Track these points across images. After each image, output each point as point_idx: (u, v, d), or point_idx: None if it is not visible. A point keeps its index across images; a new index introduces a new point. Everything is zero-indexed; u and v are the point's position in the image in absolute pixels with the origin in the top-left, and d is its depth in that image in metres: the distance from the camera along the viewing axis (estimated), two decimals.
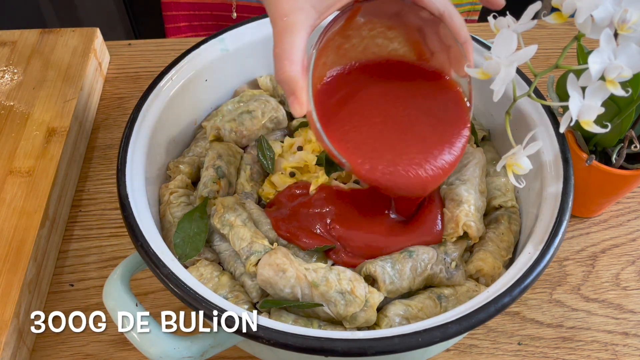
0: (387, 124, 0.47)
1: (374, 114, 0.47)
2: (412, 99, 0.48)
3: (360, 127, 0.46)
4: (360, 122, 0.46)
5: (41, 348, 0.56)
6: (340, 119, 0.46)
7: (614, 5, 0.43)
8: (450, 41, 0.47)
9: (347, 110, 0.47)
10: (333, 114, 0.46)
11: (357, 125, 0.46)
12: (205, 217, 0.54)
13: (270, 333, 0.40)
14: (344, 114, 0.47)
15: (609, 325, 0.58)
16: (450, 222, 0.53)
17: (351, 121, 0.46)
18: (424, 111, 0.47)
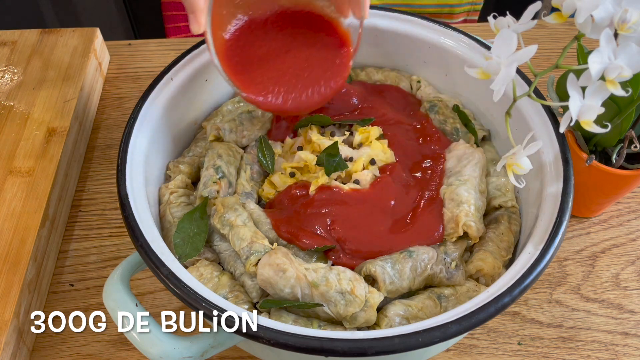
0: (284, 63, 0.52)
1: (274, 56, 0.52)
2: (307, 46, 0.53)
3: (264, 66, 0.52)
4: (263, 61, 0.52)
5: (41, 348, 0.56)
6: (248, 60, 0.52)
7: (614, 5, 0.43)
8: None
9: (253, 53, 0.52)
10: (242, 54, 0.52)
11: (262, 66, 0.52)
12: (205, 217, 0.54)
13: (270, 333, 0.40)
14: (250, 56, 0.52)
15: (609, 325, 0.58)
16: (450, 222, 0.53)
17: (257, 62, 0.52)
18: (315, 56, 0.53)
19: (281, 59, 0.52)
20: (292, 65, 0.52)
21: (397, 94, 0.67)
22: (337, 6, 0.53)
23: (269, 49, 0.52)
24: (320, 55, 0.53)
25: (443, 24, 0.63)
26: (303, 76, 0.52)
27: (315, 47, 0.53)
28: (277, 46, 0.52)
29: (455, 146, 0.59)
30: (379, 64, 0.70)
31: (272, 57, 0.52)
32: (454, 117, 0.63)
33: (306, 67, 0.52)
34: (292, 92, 0.51)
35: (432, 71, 0.67)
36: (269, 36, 0.52)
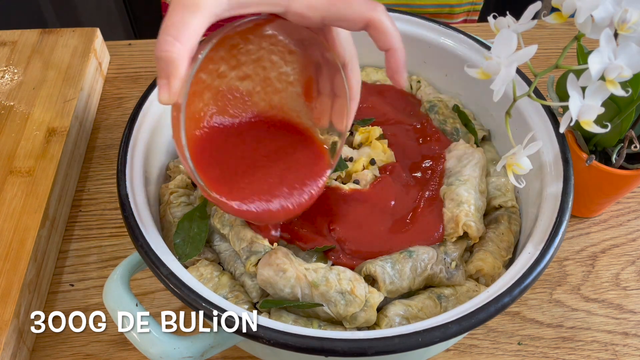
0: (257, 170, 0.47)
1: (247, 160, 0.47)
2: (283, 154, 0.48)
3: (235, 169, 0.46)
4: (233, 164, 0.47)
5: (41, 348, 0.56)
6: (217, 160, 0.46)
7: (614, 5, 0.43)
8: (341, 93, 0.46)
9: (224, 153, 0.46)
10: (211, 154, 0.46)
11: (231, 167, 0.46)
12: (205, 217, 0.54)
13: (270, 333, 0.40)
14: (221, 157, 0.46)
15: (609, 325, 0.58)
16: (450, 222, 0.53)
17: (226, 163, 0.46)
18: (290, 164, 0.48)
19: (255, 167, 0.47)
20: (267, 176, 0.47)
21: (397, 94, 0.67)
22: (316, 115, 0.49)
23: (242, 155, 0.47)
24: (296, 169, 0.48)
25: (443, 24, 0.63)
26: (279, 189, 0.47)
27: (291, 159, 0.48)
28: (251, 153, 0.47)
29: (455, 146, 0.59)
30: (378, 64, 0.70)
31: (246, 164, 0.47)
32: (454, 117, 0.63)
33: (282, 179, 0.47)
34: (267, 203, 0.46)
35: (432, 71, 0.67)
36: (242, 141, 0.47)
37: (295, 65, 0.47)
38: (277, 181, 0.47)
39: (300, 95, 0.48)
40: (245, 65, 0.45)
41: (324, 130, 0.49)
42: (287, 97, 0.48)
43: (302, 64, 0.47)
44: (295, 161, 0.48)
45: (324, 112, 0.48)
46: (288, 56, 0.46)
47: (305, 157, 0.48)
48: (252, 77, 0.46)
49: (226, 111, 0.46)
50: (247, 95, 0.47)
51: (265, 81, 0.47)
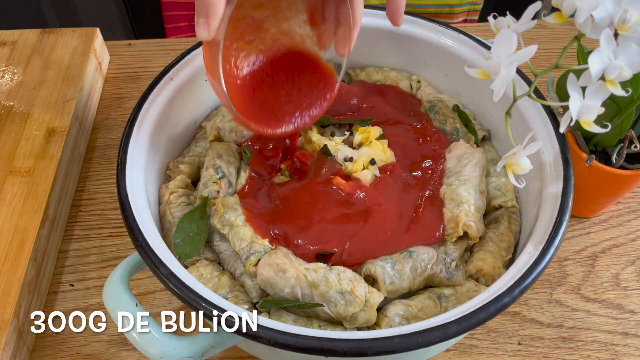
0: (279, 95, 0.55)
1: (270, 87, 0.54)
2: (299, 78, 0.56)
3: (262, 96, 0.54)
4: (263, 95, 0.54)
5: (41, 348, 0.56)
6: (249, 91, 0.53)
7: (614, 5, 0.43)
8: (344, 21, 0.51)
9: (250, 83, 0.53)
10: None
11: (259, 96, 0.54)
12: (205, 217, 0.54)
13: (270, 333, 0.40)
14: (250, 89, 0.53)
15: (609, 325, 0.58)
16: (450, 222, 0.53)
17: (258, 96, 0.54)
18: (306, 85, 0.56)
19: (277, 92, 0.54)
20: (289, 97, 0.54)
21: (397, 94, 0.67)
22: (321, 41, 0.55)
23: (266, 83, 0.54)
24: (310, 85, 0.55)
25: (443, 24, 0.63)
26: (300, 105, 0.54)
27: (305, 79, 0.55)
28: (271, 81, 0.54)
29: (455, 146, 0.59)
30: (378, 64, 0.70)
31: (269, 90, 0.54)
32: (454, 117, 0.63)
33: (301, 97, 0.55)
34: (291, 121, 0.54)
35: (432, 71, 0.67)
36: (262, 69, 0.54)
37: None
38: (297, 101, 0.54)
39: (306, 22, 0.54)
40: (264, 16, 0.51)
41: (329, 54, 0.55)
42: (295, 24, 0.54)
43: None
44: (309, 82, 0.55)
45: (328, 38, 0.54)
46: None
47: (316, 78, 0.55)
48: (265, 6, 0.51)
49: (243, 39, 0.52)
50: (261, 23, 0.52)
51: (276, 8, 0.52)
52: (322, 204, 0.53)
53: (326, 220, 0.53)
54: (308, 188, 0.54)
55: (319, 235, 0.52)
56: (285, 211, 0.54)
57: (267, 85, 0.54)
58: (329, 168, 0.56)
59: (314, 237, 0.52)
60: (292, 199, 0.54)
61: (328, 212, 0.53)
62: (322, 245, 0.51)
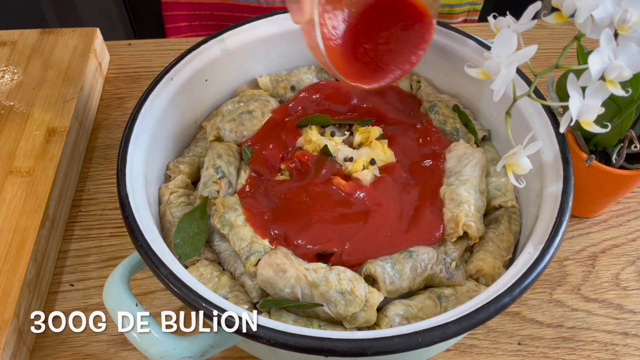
0: (377, 45, 0.54)
1: (368, 40, 0.53)
2: (394, 23, 0.55)
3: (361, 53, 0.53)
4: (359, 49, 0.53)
5: (41, 348, 0.56)
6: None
7: (614, 5, 0.43)
8: None
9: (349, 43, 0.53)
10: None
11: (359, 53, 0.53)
12: (205, 217, 0.54)
13: (270, 333, 0.40)
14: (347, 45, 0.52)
15: (609, 325, 0.58)
16: (450, 222, 0.53)
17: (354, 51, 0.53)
18: (402, 30, 0.54)
19: (375, 43, 0.54)
20: (388, 45, 0.54)
21: (397, 94, 0.67)
22: None
23: (363, 36, 0.53)
24: (407, 28, 0.54)
25: (443, 24, 0.63)
26: (394, 55, 0.54)
27: (401, 23, 0.54)
28: (367, 33, 0.53)
29: (455, 146, 0.59)
30: None
31: (368, 43, 0.53)
32: (454, 117, 0.63)
33: (400, 43, 0.54)
34: (389, 72, 0.53)
35: (432, 71, 0.67)
36: (359, 26, 0.53)
37: None
38: (396, 49, 0.54)
39: None
40: None
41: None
42: None
43: None
44: (405, 26, 0.54)
45: None
46: None
47: (410, 20, 0.54)
48: None
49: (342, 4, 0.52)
50: None
51: None
52: (322, 204, 0.53)
53: (326, 220, 0.53)
54: (308, 188, 0.54)
55: (319, 235, 0.52)
56: (285, 211, 0.54)
57: (365, 38, 0.53)
58: (329, 168, 0.56)
59: (314, 237, 0.52)
60: (292, 199, 0.54)
61: (328, 212, 0.53)
62: (322, 245, 0.51)
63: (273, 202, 0.55)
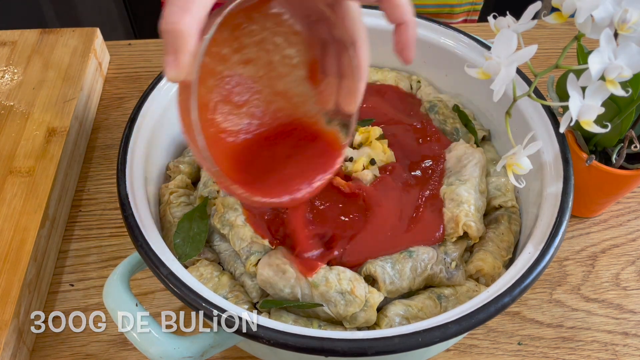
0: (272, 165, 0.47)
1: (266, 161, 0.46)
2: (298, 151, 0.47)
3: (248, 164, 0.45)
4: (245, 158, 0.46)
5: (41, 348, 0.56)
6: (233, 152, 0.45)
7: (614, 5, 0.43)
8: (348, 73, 0.43)
9: (236, 148, 0.45)
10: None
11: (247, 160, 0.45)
12: (205, 217, 0.54)
13: (270, 333, 0.40)
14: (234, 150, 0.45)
15: (609, 325, 0.58)
16: (450, 222, 0.53)
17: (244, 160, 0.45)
18: (306, 159, 0.47)
19: (274, 166, 0.47)
20: (286, 171, 0.46)
21: (397, 94, 0.67)
22: (323, 99, 0.47)
23: (261, 156, 0.46)
24: (312, 159, 0.47)
25: (443, 24, 0.63)
26: (294, 183, 0.46)
27: (307, 151, 0.47)
28: (268, 154, 0.46)
29: (455, 146, 0.59)
30: (379, 64, 0.70)
31: (264, 164, 0.46)
32: (454, 117, 0.63)
33: (300, 172, 0.46)
34: (285, 194, 0.45)
35: (432, 71, 0.67)
36: (260, 143, 0.46)
37: (299, 47, 0.45)
38: (295, 176, 0.46)
39: (305, 79, 0.46)
40: (248, 47, 0.43)
41: (332, 113, 0.47)
42: (291, 82, 0.46)
43: (307, 44, 0.45)
44: (308, 154, 0.47)
45: (331, 94, 0.46)
46: (292, 37, 0.44)
47: (317, 150, 0.47)
48: (255, 62, 0.44)
49: (231, 100, 0.44)
50: (251, 81, 0.45)
51: (269, 65, 0.45)
52: (322, 204, 0.53)
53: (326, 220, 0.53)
54: None
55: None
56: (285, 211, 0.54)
57: (263, 158, 0.46)
58: None
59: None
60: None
61: (328, 212, 0.53)
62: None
63: None
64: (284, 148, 0.47)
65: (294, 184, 0.45)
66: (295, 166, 0.46)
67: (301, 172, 0.46)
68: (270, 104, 0.46)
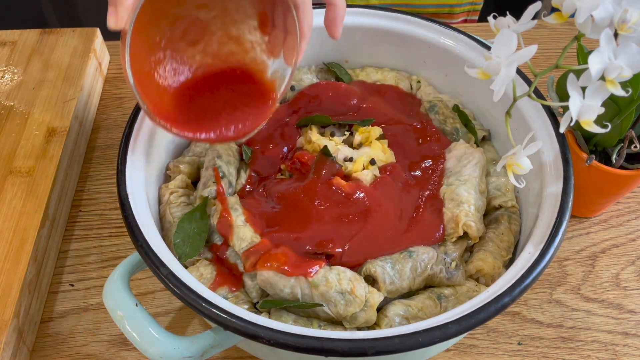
0: (214, 104, 0.52)
1: (207, 97, 0.52)
2: (237, 91, 0.53)
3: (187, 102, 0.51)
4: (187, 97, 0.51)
5: (41, 348, 0.56)
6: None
7: (614, 5, 0.43)
8: (292, 30, 0.49)
9: (172, 87, 0.51)
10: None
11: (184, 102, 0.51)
12: (205, 217, 0.54)
13: (270, 333, 0.40)
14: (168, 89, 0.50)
15: (609, 325, 0.58)
16: (450, 222, 0.53)
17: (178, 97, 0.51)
18: (243, 100, 0.53)
19: (213, 102, 0.51)
20: (222, 108, 0.51)
21: (397, 94, 0.67)
22: (270, 48, 0.52)
23: (205, 91, 0.51)
24: (247, 101, 0.52)
25: (443, 24, 0.63)
26: (226, 116, 0.51)
27: (245, 93, 0.52)
28: (210, 90, 0.51)
29: (455, 146, 0.59)
30: (378, 64, 0.70)
31: (205, 99, 0.51)
32: (454, 117, 0.63)
33: (229, 109, 0.51)
34: (216, 129, 0.50)
35: (432, 71, 0.67)
36: (205, 80, 0.51)
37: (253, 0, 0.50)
38: (228, 115, 0.51)
39: (256, 29, 0.51)
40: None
41: (276, 63, 0.52)
42: (244, 29, 0.51)
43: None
44: (247, 98, 0.52)
45: (277, 45, 0.51)
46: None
47: (254, 94, 0.52)
48: (210, 6, 0.49)
49: (186, 39, 0.49)
50: (206, 24, 0.50)
51: (224, 11, 0.50)
52: (322, 204, 0.53)
53: (326, 220, 0.53)
54: (308, 188, 0.54)
55: (319, 235, 0.52)
56: (285, 211, 0.54)
57: (205, 94, 0.51)
58: (329, 168, 0.56)
59: (314, 237, 0.52)
60: (292, 200, 0.54)
61: (328, 212, 0.53)
62: (322, 245, 0.51)
63: (273, 202, 0.55)
64: (226, 92, 0.52)
65: (224, 123, 0.50)
66: (231, 108, 0.51)
67: (234, 114, 0.51)
68: (223, 46, 0.51)
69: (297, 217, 0.53)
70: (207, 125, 0.50)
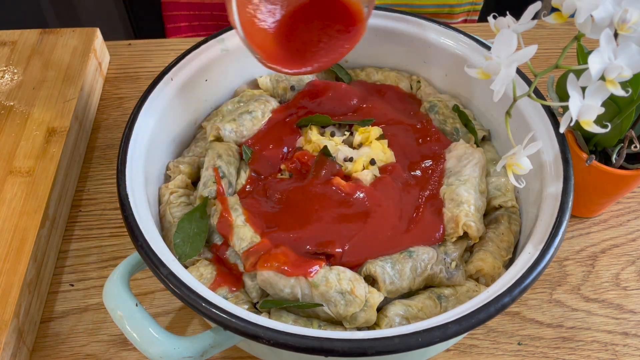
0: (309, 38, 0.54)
1: (302, 32, 0.54)
2: (327, 21, 0.55)
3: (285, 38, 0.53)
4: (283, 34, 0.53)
5: (41, 348, 0.56)
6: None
7: (614, 5, 0.43)
8: None
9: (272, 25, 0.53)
10: None
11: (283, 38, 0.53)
12: (205, 217, 0.54)
13: (270, 333, 0.40)
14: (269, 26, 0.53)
15: (609, 325, 0.58)
16: (450, 222, 0.53)
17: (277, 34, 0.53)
18: (330, 34, 0.55)
19: (308, 36, 0.54)
20: (309, 36, 0.54)
21: (397, 94, 0.67)
22: None
23: (298, 28, 0.54)
24: (335, 27, 0.54)
25: (443, 24, 0.63)
26: (322, 49, 0.54)
27: (334, 22, 0.54)
28: (303, 26, 0.54)
29: (455, 146, 0.59)
30: (379, 64, 0.70)
31: (300, 35, 0.54)
32: (454, 117, 0.63)
33: (323, 37, 0.54)
34: (313, 60, 0.53)
35: (432, 71, 0.67)
36: (296, 18, 0.54)
37: None
38: (325, 46, 0.54)
39: None
40: None
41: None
42: None
43: None
44: (334, 24, 0.54)
45: None
46: None
47: (341, 18, 0.54)
48: None
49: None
50: None
51: None
52: (321, 205, 0.53)
53: (326, 220, 0.53)
54: (308, 188, 0.54)
55: (319, 235, 0.52)
56: (285, 211, 0.54)
57: (301, 27, 0.53)
58: (329, 168, 0.56)
59: (314, 237, 0.52)
60: (292, 200, 0.54)
61: (328, 212, 0.53)
62: (322, 245, 0.51)
63: (273, 202, 0.55)
64: (318, 22, 0.54)
65: (324, 52, 0.53)
66: (327, 37, 0.54)
67: (330, 42, 0.54)
68: None
69: (297, 217, 0.53)
70: (310, 58, 0.53)
